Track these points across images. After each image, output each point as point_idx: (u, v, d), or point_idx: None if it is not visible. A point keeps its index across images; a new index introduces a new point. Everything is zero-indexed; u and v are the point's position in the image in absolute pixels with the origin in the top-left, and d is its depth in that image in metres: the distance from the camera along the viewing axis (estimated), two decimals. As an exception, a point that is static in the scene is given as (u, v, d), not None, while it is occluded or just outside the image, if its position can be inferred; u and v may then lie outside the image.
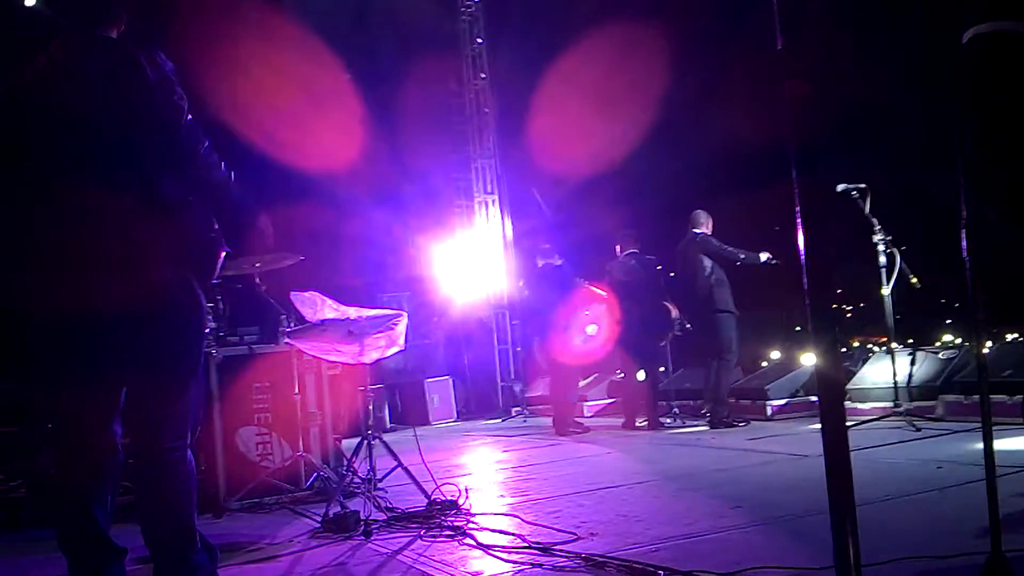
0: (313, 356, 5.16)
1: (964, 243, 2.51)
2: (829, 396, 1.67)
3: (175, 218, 2.73)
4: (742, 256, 8.07)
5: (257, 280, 5.27)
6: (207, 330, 4.71)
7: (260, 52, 10.14)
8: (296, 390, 5.32)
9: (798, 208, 1.56)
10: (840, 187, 6.73)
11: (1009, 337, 7.70)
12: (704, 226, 8.31)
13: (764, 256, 8.12)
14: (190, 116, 2.83)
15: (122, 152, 2.67)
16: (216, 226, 2.87)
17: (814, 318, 1.61)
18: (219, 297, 5.32)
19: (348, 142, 11.20)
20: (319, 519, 4.31)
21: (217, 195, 2.91)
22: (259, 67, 10.08)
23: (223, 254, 2.90)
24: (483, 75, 13.64)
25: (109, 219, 2.62)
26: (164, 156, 2.73)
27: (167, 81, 2.76)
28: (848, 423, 1.75)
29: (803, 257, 1.59)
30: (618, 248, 8.93)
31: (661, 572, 2.95)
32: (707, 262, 8.10)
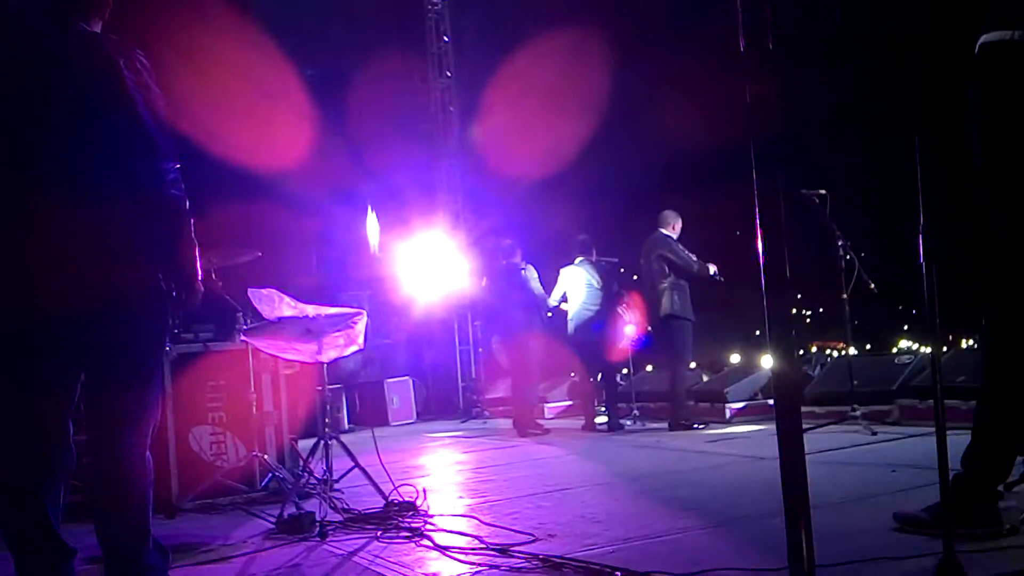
0: (270, 354, 5.09)
1: (922, 249, 2.53)
2: (786, 399, 1.66)
3: (143, 217, 2.68)
4: (694, 267, 8.08)
5: (213, 276, 5.18)
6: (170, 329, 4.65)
7: (219, 50, 10.00)
8: (252, 389, 5.25)
9: (757, 211, 1.55)
10: (801, 192, 6.79)
11: (964, 344, 7.82)
12: (670, 227, 8.30)
13: (712, 269, 8.15)
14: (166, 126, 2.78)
15: (94, 148, 2.62)
16: (192, 223, 2.82)
17: (772, 322, 1.61)
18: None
19: (309, 140, 11.11)
20: (273, 520, 4.25)
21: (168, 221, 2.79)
22: (219, 65, 9.95)
23: (197, 252, 2.85)
24: (448, 73, 13.60)
25: (75, 214, 2.57)
26: (137, 154, 2.68)
27: (144, 79, 2.72)
28: (804, 426, 1.75)
29: (761, 260, 1.58)
30: (575, 254, 8.93)
31: (618, 573, 2.94)
32: (665, 266, 8.09)
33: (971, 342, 8.14)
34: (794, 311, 1.85)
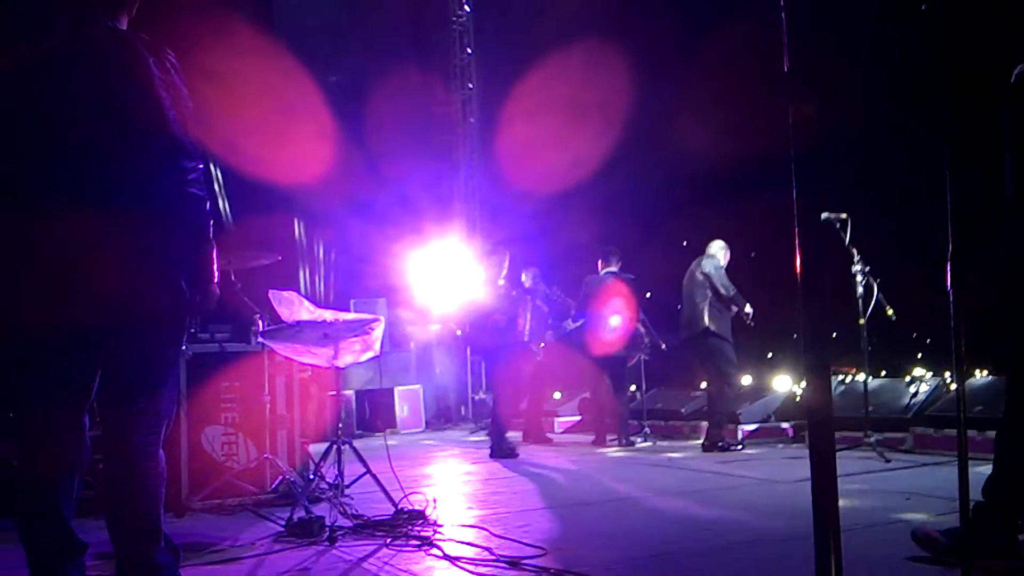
0: (286, 357, 5.08)
1: (949, 276, 2.51)
2: (819, 424, 1.64)
3: (167, 220, 2.68)
4: (734, 297, 7.96)
5: (232, 278, 5.19)
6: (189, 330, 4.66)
7: (240, 63, 10.03)
8: (266, 392, 5.25)
9: (797, 230, 1.54)
10: (823, 216, 6.74)
11: (980, 373, 7.77)
12: (720, 255, 8.22)
13: (748, 309, 8.05)
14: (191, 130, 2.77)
15: (120, 148, 2.63)
16: (211, 224, 2.81)
17: (808, 343, 1.58)
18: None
19: (328, 149, 11.13)
20: (283, 523, 4.23)
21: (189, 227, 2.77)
22: (239, 77, 9.98)
23: (214, 254, 2.84)
24: (471, 85, 13.64)
25: (98, 217, 2.57)
26: (161, 156, 2.68)
27: (172, 79, 2.72)
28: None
29: (800, 281, 1.56)
30: (599, 264, 8.85)
31: (630, 592, 2.92)
32: (707, 289, 8.00)
33: (986, 372, 8.07)
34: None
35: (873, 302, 6.89)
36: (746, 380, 9.43)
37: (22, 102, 2.65)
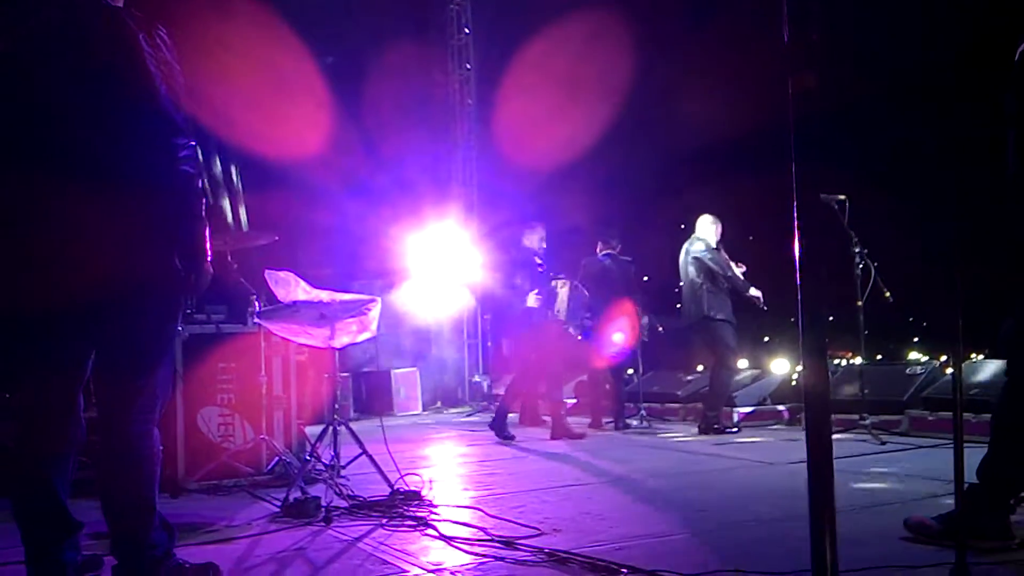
0: (282, 338, 5.07)
1: (948, 258, 2.50)
2: (815, 405, 1.63)
3: (158, 197, 2.66)
4: (736, 283, 7.83)
5: (228, 258, 5.17)
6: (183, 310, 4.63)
7: (237, 38, 9.94)
8: (262, 372, 5.24)
9: (795, 206, 1.52)
10: (820, 197, 6.70)
11: (977, 356, 7.78)
12: (710, 233, 8.03)
13: (755, 292, 7.94)
14: (184, 106, 2.75)
15: (112, 124, 2.61)
16: (203, 202, 2.79)
17: (805, 326, 1.57)
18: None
19: (324, 129, 11.07)
20: (279, 504, 4.23)
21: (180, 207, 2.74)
22: (236, 52, 9.89)
23: (207, 231, 2.82)
24: (468, 66, 13.57)
25: (90, 195, 2.55)
26: (151, 133, 2.66)
27: (163, 55, 2.70)
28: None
29: (798, 260, 1.54)
30: (599, 246, 8.79)
31: (624, 570, 2.92)
32: (703, 273, 7.93)
33: (981, 356, 8.09)
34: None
35: (871, 285, 6.89)
36: (743, 363, 9.44)
37: (13, 80, 2.63)
